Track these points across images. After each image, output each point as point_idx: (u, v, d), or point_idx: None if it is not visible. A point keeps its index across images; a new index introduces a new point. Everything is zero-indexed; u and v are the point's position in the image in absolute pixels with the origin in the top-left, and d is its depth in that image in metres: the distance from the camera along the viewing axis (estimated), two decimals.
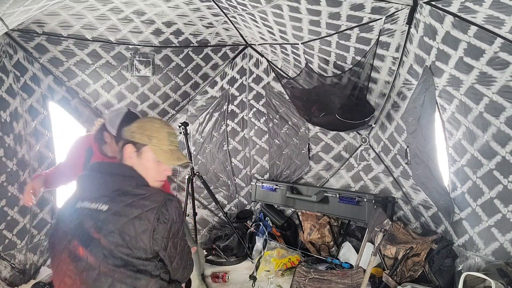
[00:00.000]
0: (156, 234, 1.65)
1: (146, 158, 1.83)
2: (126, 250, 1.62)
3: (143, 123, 1.89)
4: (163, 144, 1.85)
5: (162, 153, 1.84)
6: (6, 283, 3.22)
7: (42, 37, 3.46)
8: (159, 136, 1.85)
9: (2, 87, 3.17)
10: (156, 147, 1.83)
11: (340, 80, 3.38)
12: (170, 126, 1.95)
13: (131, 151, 1.83)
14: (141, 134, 1.84)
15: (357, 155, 4.09)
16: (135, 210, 1.65)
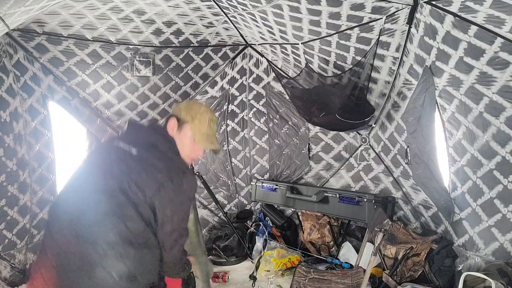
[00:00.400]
0: (164, 190, 1.79)
1: (185, 134, 1.99)
2: (135, 189, 1.77)
3: (191, 104, 2.10)
4: (203, 126, 2.01)
5: (200, 134, 2.00)
6: (6, 283, 3.22)
7: (42, 37, 3.46)
8: (201, 118, 2.02)
9: (2, 87, 3.17)
10: (196, 127, 2.00)
11: (340, 80, 3.38)
12: (214, 114, 2.12)
13: (174, 124, 2.00)
14: (186, 113, 2.02)
15: (357, 155, 4.09)
16: (158, 162, 1.83)
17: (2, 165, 3.18)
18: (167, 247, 1.87)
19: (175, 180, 1.82)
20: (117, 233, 1.72)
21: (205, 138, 2.02)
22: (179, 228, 1.89)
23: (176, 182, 1.82)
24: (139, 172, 1.80)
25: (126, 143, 1.90)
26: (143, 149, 1.88)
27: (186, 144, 2.00)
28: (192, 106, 2.07)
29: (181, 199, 1.86)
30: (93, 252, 1.69)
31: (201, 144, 2.02)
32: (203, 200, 4.65)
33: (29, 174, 3.42)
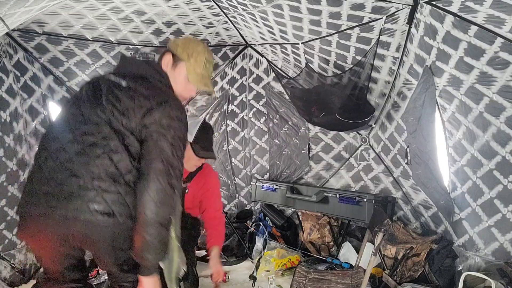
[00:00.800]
0: (152, 114, 1.70)
1: (179, 72, 1.95)
2: (121, 118, 1.71)
3: (189, 42, 2.01)
4: (198, 66, 1.97)
5: (194, 74, 1.96)
6: (6, 283, 3.22)
7: (42, 37, 3.46)
8: (197, 58, 1.97)
9: (2, 87, 3.17)
10: (191, 66, 1.95)
11: (340, 80, 3.38)
12: (211, 55, 2.06)
13: (169, 60, 1.95)
14: (183, 50, 1.96)
15: (357, 155, 4.09)
16: (147, 91, 1.77)
17: (2, 165, 3.18)
18: (151, 188, 1.63)
19: (165, 106, 1.72)
20: (100, 166, 1.64)
21: (199, 79, 1.98)
22: (168, 163, 1.67)
23: (166, 108, 1.72)
24: (126, 101, 1.73)
25: (117, 76, 1.85)
26: (133, 80, 1.82)
27: (179, 82, 1.95)
28: (189, 44, 2.00)
29: (173, 126, 1.72)
30: (74, 183, 1.63)
31: (194, 84, 1.98)
32: None
33: None
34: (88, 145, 1.68)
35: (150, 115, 1.71)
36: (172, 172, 1.68)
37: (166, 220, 1.68)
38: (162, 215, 1.65)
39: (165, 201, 1.65)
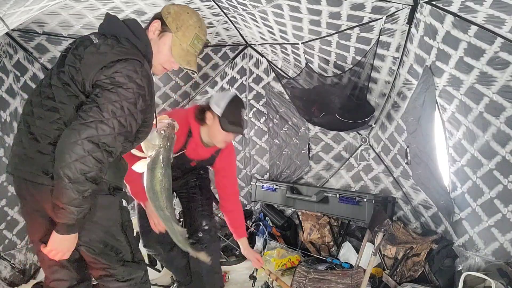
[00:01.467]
0: (102, 70, 1.61)
1: (163, 42, 1.84)
2: (78, 77, 1.65)
3: (182, 12, 1.87)
4: (185, 41, 1.84)
5: (178, 49, 1.84)
6: (6, 283, 3.22)
7: (42, 37, 3.45)
8: (186, 32, 1.84)
9: (2, 87, 3.17)
10: (177, 39, 1.83)
11: (340, 80, 3.38)
12: (204, 31, 1.92)
13: (157, 27, 1.84)
14: (173, 20, 1.84)
15: (357, 155, 4.09)
16: (107, 47, 1.66)
17: (2, 165, 3.18)
18: (67, 135, 1.55)
19: (118, 64, 1.60)
20: (56, 131, 1.64)
21: (183, 54, 1.85)
22: (101, 122, 1.56)
23: (117, 66, 1.60)
24: (86, 59, 1.64)
25: (95, 35, 1.75)
26: (103, 38, 1.70)
27: (162, 53, 1.84)
28: (181, 15, 1.86)
29: (120, 85, 1.60)
30: (34, 147, 1.66)
31: (176, 59, 1.85)
32: None
33: None
34: (47, 110, 1.66)
35: (101, 72, 1.61)
36: (103, 133, 1.56)
37: (77, 179, 1.53)
38: (71, 172, 1.52)
39: (80, 157, 1.52)
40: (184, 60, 1.86)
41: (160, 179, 2.04)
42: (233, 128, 2.67)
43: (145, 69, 1.70)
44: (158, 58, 1.85)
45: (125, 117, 1.62)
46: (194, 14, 1.91)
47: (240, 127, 2.71)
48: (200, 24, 1.90)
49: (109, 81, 1.61)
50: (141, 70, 1.67)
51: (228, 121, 2.64)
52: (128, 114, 1.63)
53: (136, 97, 1.65)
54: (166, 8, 1.89)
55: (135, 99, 1.64)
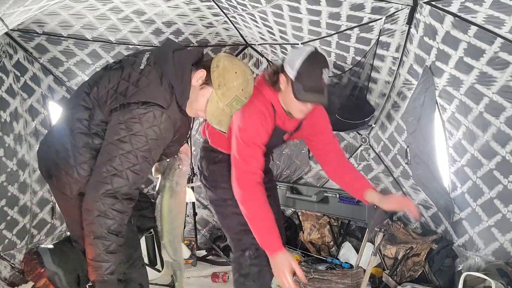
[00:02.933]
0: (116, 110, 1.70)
1: (203, 94, 1.81)
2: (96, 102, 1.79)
3: (230, 70, 1.80)
4: (222, 101, 1.80)
5: (214, 106, 1.81)
6: (6, 283, 3.22)
7: (42, 37, 3.46)
8: (227, 92, 1.79)
9: (2, 87, 3.17)
10: (216, 97, 1.79)
11: (340, 80, 3.38)
12: (247, 93, 1.85)
13: (202, 76, 1.81)
14: (217, 76, 1.79)
15: (357, 155, 4.09)
16: (137, 80, 1.74)
17: (2, 165, 3.18)
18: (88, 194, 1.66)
19: (134, 109, 1.64)
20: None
21: (217, 113, 1.81)
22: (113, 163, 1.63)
23: (134, 111, 1.64)
24: (110, 84, 1.74)
25: (148, 58, 1.81)
26: (148, 66, 1.76)
27: (198, 102, 1.81)
28: (228, 73, 1.78)
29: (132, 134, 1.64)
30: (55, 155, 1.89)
31: (209, 116, 1.83)
32: (203, 200, 4.65)
33: (29, 174, 3.42)
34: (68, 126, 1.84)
35: (119, 110, 1.66)
36: (118, 185, 1.63)
37: (101, 234, 1.62)
38: (95, 227, 1.62)
39: (101, 212, 1.61)
40: (216, 119, 1.84)
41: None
42: (310, 96, 2.07)
43: (167, 116, 1.70)
44: (194, 105, 1.83)
45: (139, 165, 1.66)
46: (242, 74, 1.83)
47: (320, 94, 2.09)
48: (245, 86, 1.83)
49: (124, 127, 1.65)
50: (161, 117, 1.68)
51: (303, 87, 2.04)
52: (142, 161, 1.67)
53: (151, 144, 1.68)
54: (217, 59, 1.83)
55: (149, 147, 1.67)
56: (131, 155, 1.65)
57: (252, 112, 2.12)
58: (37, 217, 3.54)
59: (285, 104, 2.17)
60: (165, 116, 1.70)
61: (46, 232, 3.61)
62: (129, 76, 1.73)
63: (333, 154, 2.49)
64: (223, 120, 1.85)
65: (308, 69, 2.03)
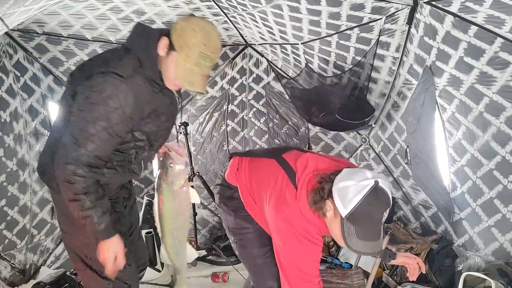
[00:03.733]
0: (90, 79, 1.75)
1: (171, 60, 1.78)
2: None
3: (187, 29, 1.75)
4: (188, 62, 1.75)
5: (182, 69, 1.77)
6: (6, 283, 3.22)
7: (42, 37, 3.46)
8: (189, 52, 1.74)
9: (2, 87, 3.17)
10: (182, 60, 1.75)
11: (340, 80, 3.38)
12: (213, 47, 1.77)
13: (165, 45, 1.77)
14: (177, 38, 1.75)
15: (357, 155, 4.09)
16: (104, 55, 1.92)
17: (2, 165, 3.18)
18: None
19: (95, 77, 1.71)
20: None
21: (186, 75, 1.78)
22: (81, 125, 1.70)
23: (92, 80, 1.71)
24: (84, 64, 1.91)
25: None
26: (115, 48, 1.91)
27: (170, 71, 1.80)
28: (186, 33, 1.74)
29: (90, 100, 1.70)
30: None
31: (179, 80, 1.80)
32: (203, 200, 4.64)
33: (29, 174, 3.42)
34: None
35: (80, 86, 1.76)
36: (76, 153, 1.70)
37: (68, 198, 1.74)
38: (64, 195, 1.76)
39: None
40: (186, 81, 1.80)
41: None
42: (363, 246, 1.66)
43: (127, 86, 1.73)
44: (168, 75, 1.83)
45: (98, 135, 1.71)
46: (200, 30, 1.77)
47: (375, 243, 1.67)
48: (207, 41, 1.76)
49: (83, 96, 1.72)
50: (120, 86, 1.71)
51: (356, 234, 1.64)
52: (101, 130, 1.72)
53: (110, 114, 1.71)
54: (175, 24, 1.80)
55: (108, 116, 1.71)
56: (90, 124, 1.69)
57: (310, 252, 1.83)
58: (37, 217, 3.54)
59: (331, 232, 1.79)
60: (125, 86, 1.72)
61: (46, 232, 3.61)
62: (98, 56, 1.90)
63: None
64: (195, 81, 1.81)
65: (366, 214, 1.62)
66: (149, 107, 1.85)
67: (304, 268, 1.82)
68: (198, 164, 4.63)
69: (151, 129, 1.93)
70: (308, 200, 1.77)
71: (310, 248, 1.80)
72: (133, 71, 1.76)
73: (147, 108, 1.85)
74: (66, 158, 1.68)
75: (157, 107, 1.90)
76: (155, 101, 1.88)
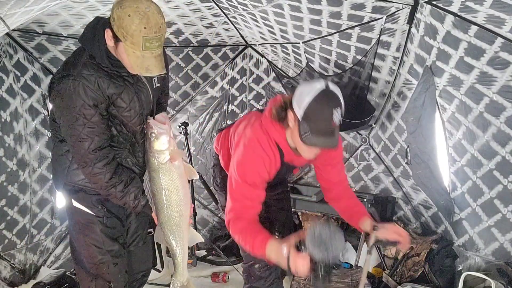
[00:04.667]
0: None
1: (121, 51, 1.78)
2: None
3: (123, 16, 1.70)
4: (136, 49, 1.71)
5: (133, 57, 1.74)
6: (6, 283, 3.21)
7: (43, 37, 3.45)
8: (133, 39, 1.69)
9: (2, 87, 3.17)
10: (129, 48, 1.72)
11: (340, 80, 3.38)
12: (153, 27, 1.69)
13: (110, 35, 1.76)
14: (118, 29, 1.71)
15: (357, 155, 4.09)
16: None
17: (2, 165, 3.18)
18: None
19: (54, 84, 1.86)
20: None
21: (139, 63, 1.74)
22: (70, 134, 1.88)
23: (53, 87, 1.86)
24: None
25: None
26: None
27: (124, 60, 1.81)
28: (123, 21, 1.69)
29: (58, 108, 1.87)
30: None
31: (135, 69, 1.78)
32: (203, 200, 4.65)
33: (29, 174, 3.42)
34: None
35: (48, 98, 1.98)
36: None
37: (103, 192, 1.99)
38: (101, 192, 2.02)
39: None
40: (142, 68, 1.76)
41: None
42: (316, 140, 1.85)
43: (79, 81, 1.80)
44: (126, 64, 1.84)
45: (81, 134, 1.85)
46: (135, 13, 1.70)
47: (328, 137, 1.86)
48: (146, 23, 1.68)
49: (55, 108, 1.91)
50: (74, 83, 1.80)
51: (310, 130, 1.83)
52: (82, 129, 1.84)
53: (80, 111, 1.81)
54: (112, 12, 1.76)
55: (80, 114, 1.82)
56: (72, 129, 1.85)
57: (255, 156, 2.00)
58: (37, 217, 3.53)
59: (294, 142, 1.99)
60: (77, 82, 1.80)
61: (46, 232, 3.60)
62: (62, 64, 1.96)
63: (338, 188, 2.42)
64: (150, 65, 1.76)
65: (316, 110, 1.81)
66: (111, 94, 1.90)
67: (250, 179, 1.99)
68: (198, 164, 4.63)
69: (124, 115, 1.97)
70: (272, 114, 2.00)
71: (260, 156, 2.00)
72: (82, 66, 1.83)
73: (109, 95, 1.89)
74: (78, 164, 1.94)
75: (120, 93, 1.93)
76: (116, 88, 1.90)
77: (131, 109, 1.97)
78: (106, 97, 1.88)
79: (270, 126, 2.02)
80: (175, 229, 1.99)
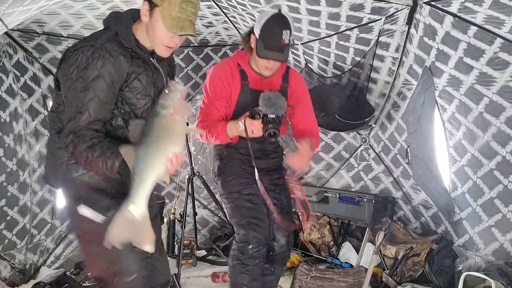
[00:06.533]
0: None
1: (156, 20, 1.78)
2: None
3: None
4: (173, 9, 1.75)
5: (169, 19, 1.76)
6: (6, 283, 3.22)
7: (42, 37, 3.45)
8: (171, 0, 1.75)
9: (2, 87, 3.17)
10: (165, 10, 1.75)
11: (340, 81, 3.38)
12: None
13: (146, 8, 1.79)
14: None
15: (357, 155, 4.09)
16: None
17: (2, 165, 3.18)
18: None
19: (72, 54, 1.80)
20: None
21: (174, 23, 1.76)
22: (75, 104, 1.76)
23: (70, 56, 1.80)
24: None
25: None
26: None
27: (158, 31, 1.80)
28: None
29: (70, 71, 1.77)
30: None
31: (169, 30, 1.78)
32: (203, 200, 4.65)
33: (29, 174, 3.42)
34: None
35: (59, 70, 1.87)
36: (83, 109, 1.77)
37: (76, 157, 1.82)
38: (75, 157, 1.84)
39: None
40: (177, 28, 1.78)
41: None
42: (268, 53, 2.23)
43: (99, 54, 1.78)
44: (158, 39, 1.83)
45: (85, 106, 1.76)
46: None
47: (278, 51, 2.23)
48: None
49: (65, 79, 1.80)
50: (93, 54, 1.77)
51: (264, 45, 2.23)
52: (88, 101, 1.76)
53: (91, 83, 1.76)
54: None
55: (89, 86, 1.76)
56: (76, 100, 1.77)
57: (214, 74, 2.42)
58: (37, 217, 3.54)
59: (254, 62, 2.37)
60: (98, 54, 1.78)
61: (46, 232, 3.61)
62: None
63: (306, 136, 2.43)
64: (184, 25, 1.79)
65: (269, 29, 2.22)
66: (131, 72, 1.87)
67: (212, 91, 2.41)
68: (198, 164, 4.63)
69: (137, 97, 1.92)
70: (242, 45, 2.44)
71: (218, 72, 2.42)
72: (106, 40, 1.83)
73: (130, 72, 1.86)
74: (67, 130, 1.76)
75: (140, 73, 1.90)
76: (137, 67, 1.89)
77: (146, 92, 1.94)
78: (125, 75, 1.85)
79: (236, 54, 2.51)
80: (149, 166, 1.76)
